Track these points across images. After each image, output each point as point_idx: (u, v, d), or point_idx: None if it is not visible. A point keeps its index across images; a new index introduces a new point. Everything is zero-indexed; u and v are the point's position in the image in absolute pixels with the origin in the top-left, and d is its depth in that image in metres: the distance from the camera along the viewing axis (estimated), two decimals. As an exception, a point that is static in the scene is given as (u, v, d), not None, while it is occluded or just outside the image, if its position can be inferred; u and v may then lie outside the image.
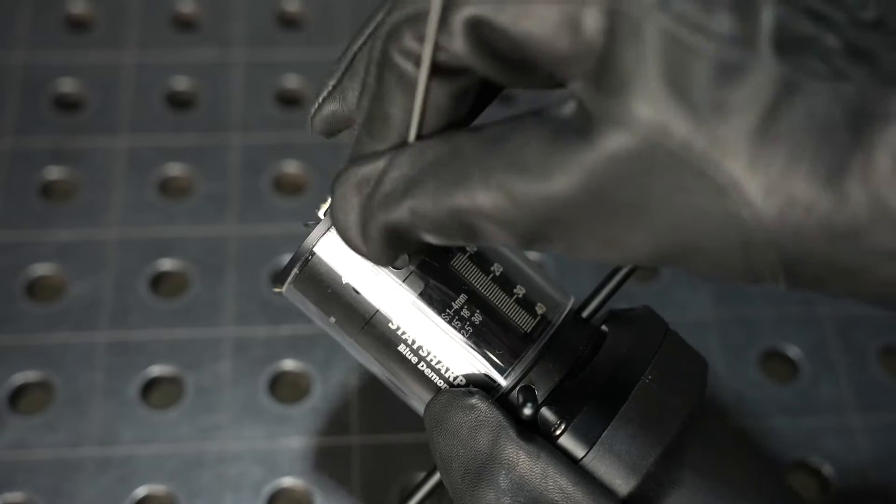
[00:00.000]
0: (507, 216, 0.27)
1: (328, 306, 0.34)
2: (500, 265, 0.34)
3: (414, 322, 0.33)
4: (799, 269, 0.25)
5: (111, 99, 0.64)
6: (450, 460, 0.32)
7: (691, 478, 0.33)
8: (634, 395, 0.32)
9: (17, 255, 0.57)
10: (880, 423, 0.54)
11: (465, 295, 0.33)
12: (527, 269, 0.35)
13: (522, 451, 0.31)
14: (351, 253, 0.32)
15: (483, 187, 0.27)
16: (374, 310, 0.33)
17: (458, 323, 0.33)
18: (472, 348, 0.33)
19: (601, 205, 0.25)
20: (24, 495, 0.50)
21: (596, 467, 0.31)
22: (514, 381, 0.33)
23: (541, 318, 0.34)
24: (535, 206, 0.26)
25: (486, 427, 0.31)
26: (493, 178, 0.26)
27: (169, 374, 0.54)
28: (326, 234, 0.33)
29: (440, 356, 0.33)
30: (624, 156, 0.24)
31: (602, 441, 0.31)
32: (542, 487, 0.31)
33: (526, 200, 0.26)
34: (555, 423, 0.32)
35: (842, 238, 0.24)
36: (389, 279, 0.33)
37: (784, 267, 0.25)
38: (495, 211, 0.27)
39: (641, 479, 0.31)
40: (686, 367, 0.34)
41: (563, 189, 0.25)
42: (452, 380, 0.33)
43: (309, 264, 0.33)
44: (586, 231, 0.26)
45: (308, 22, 0.69)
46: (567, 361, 0.34)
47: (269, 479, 0.51)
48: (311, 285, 0.34)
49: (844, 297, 0.26)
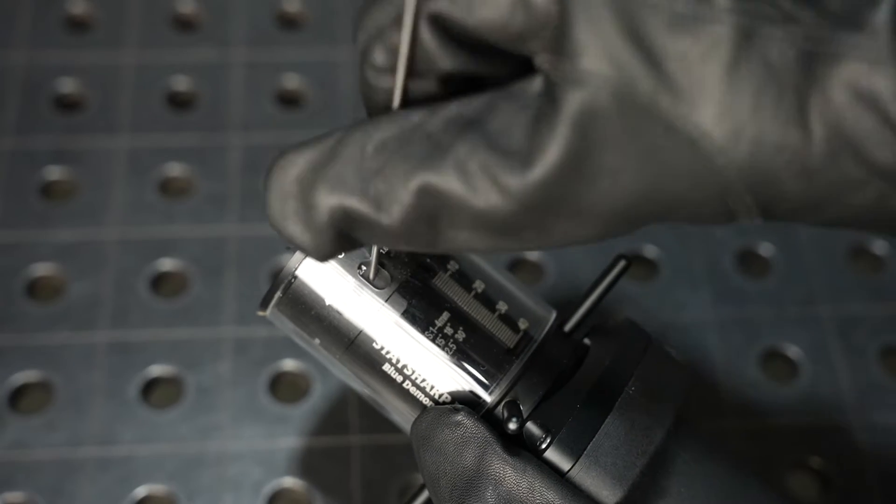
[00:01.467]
0: (486, 205, 0.26)
1: (312, 328, 0.34)
2: (482, 282, 0.34)
3: (398, 341, 0.33)
4: (773, 206, 0.26)
5: (111, 99, 0.64)
6: (437, 477, 0.32)
7: (678, 486, 0.33)
8: (618, 406, 0.32)
9: (17, 255, 0.57)
10: (880, 423, 0.54)
11: (447, 313, 0.33)
12: (509, 286, 0.35)
13: (509, 466, 0.31)
14: (333, 275, 0.33)
15: (460, 173, 0.26)
16: (357, 330, 0.33)
17: (441, 341, 0.33)
18: (456, 365, 0.33)
19: (579, 176, 0.25)
20: (24, 495, 0.50)
21: (582, 480, 0.31)
22: (499, 397, 0.33)
23: (524, 333, 0.34)
24: (518, 193, 0.26)
25: (473, 443, 0.31)
26: (471, 163, 0.26)
27: (169, 374, 0.54)
28: (309, 257, 0.33)
29: (425, 374, 0.33)
30: (593, 115, 0.25)
31: (587, 453, 0.32)
32: (530, 502, 0.31)
33: (510, 188, 0.26)
34: (540, 437, 0.32)
35: (811, 172, 0.25)
36: (372, 299, 0.33)
37: (759, 206, 0.26)
38: (473, 199, 0.26)
39: (628, 489, 0.31)
40: (669, 376, 0.34)
41: (546, 169, 0.25)
42: (437, 397, 0.33)
43: (291, 287, 0.33)
44: (561, 211, 0.26)
45: (308, 22, 0.69)
46: (551, 375, 0.34)
47: (269, 479, 0.51)
48: (294, 308, 0.34)
49: (819, 226, 0.27)
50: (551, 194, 0.26)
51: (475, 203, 0.26)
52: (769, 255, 0.60)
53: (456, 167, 0.26)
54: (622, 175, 0.25)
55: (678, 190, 0.25)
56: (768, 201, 0.25)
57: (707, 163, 0.25)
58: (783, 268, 0.59)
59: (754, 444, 0.53)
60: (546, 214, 0.26)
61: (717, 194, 0.25)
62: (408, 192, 0.26)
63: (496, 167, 0.26)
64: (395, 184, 0.26)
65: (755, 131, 0.24)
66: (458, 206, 0.26)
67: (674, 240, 0.60)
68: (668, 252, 0.59)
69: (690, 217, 0.26)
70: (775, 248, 0.60)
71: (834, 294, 0.58)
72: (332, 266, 0.33)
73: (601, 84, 0.24)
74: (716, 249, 0.60)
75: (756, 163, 0.24)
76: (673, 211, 0.26)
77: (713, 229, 0.60)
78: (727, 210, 0.26)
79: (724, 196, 0.25)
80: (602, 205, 0.26)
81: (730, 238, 0.60)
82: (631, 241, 0.59)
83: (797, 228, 0.61)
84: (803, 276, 0.59)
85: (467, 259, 0.35)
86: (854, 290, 0.59)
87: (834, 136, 0.24)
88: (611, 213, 0.26)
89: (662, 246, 0.60)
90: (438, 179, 0.26)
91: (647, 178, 0.25)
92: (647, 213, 0.26)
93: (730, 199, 0.25)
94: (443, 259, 0.34)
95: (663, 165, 0.25)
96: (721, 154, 0.24)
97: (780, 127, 0.24)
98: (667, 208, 0.26)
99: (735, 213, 0.26)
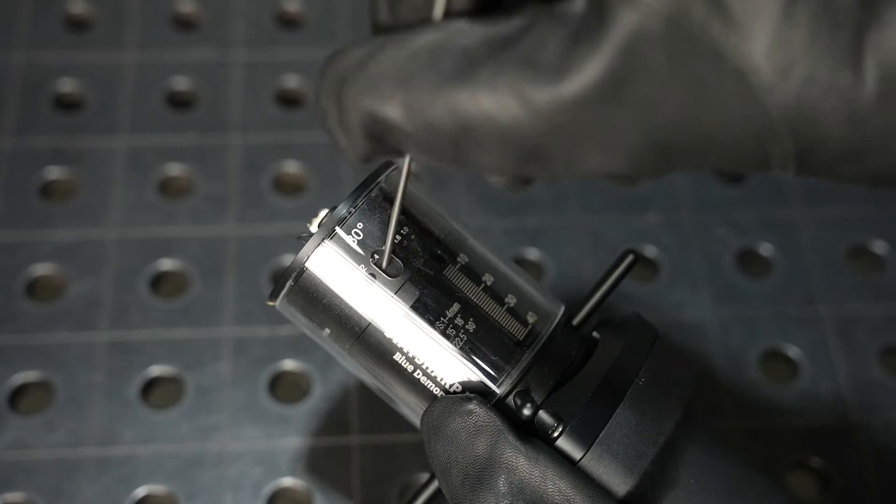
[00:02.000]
0: (512, 123, 0.25)
1: (322, 319, 0.34)
2: (491, 276, 0.34)
3: (408, 332, 0.33)
4: (813, 154, 0.25)
5: (111, 99, 0.64)
6: (448, 466, 0.32)
7: (687, 477, 0.33)
8: (629, 396, 0.32)
9: (17, 255, 0.57)
10: (880, 423, 0.54)
11: (458, 304, 0.33)
12: (518, 280, 0.35)
13: (521, 455, 0.31)
14: (344, 266, 0.33)
15: (489, 88, 0.25)
16: (367, 321, 0.33)
17: (451, 331, 0.33)
18: (466, 356, 0.33)
19: (616, 101, 0.24)
20: (24, 495, 0.50)
21: (594, 468, 0.32)
22: (510, 388, 0.33)
23: (532, 326, 0.34)
24: (547, 111, 0.25)
25: (485, 431, 0.31)
26: (502, 77, 0.25)
27: (169, 374, 0.54)
28: (319, 247, 0.33)
29: (435, 364, 0.33)
30: (641, 39, 0.24)
31: (600, 441, 0.32)
32: (542, 490, 0.31)
33: (538, 104, 0.25)
34: (552, 426, 0.32)
35: (857, 119, 0.24)
36: (382, 290, 0.33)
37: (798, 153, 0.25)
38: (500, 115, 0.25)
39: (639, 478, 0.32)
40: (677, 369, 0.34)
41: (579, 87, 0.24)
42: (448, 387, 0.33)
43: (302, 278, 0.33)
44: (594, 137, 0.25)
45: (308, 22, 0.69)
46: (560, 367, 0.34)
47: (269, 479, 0.51)
48: (304, 299, 0.34)
49: (851, 180, 0.26)
50: (583, 117, 0.25)
51: (500, 118, 0.25)
52: (769, 255, 0.60)
53: (486, 83, 0.25)
54: (662, 105, 0.24)
55: (718, 126, 0.24)
56: (809, 147, 0.24)
57: (752, 99, 0.24)
58: (783, 268, 0.59)
59: (754, 444, 0.53)
60: (576, 139, 0.25)
61: (757, 134, 0.24)
62: (434, 105, 0.26)
63: (525, 80, 0.25)
64: (422, 95, 0.26)
65: (806, 70, 0.23)
66: (483, 123, 0.25)
67: (674, 240, 0.60)
68: (668, 252, 0.59)
69: (725, 159, 0.25)
70: (775, 248, 0.60)
71: (834, 294, 0.58)
72: (342, 257, 0.33)
73: (656, 6, 0.24)
74: (716, 249, 0.60)
75: (803, 104, 0.24)
76: (709, 149, 0.25)
77: (713, 229, 0.60)
78: (763, 155, 0.25)
79: (764, 138, 0.24)
80: (637, 135, 0.25)
81: (730, 238, 0.60)
82: (631, 242, 0.59)
83: (797, 228, 0.61)
84: (803, 276, 0.59)
85: (477, 252, 0.35)
86: (854, 290, 0.59)
87: (887, 79, 0.23)
88: (645, 145, 0.25)
89: (662, 246, 0.60)
90: (466, 97, 0.25)
91: (688, 110, 0.24)
92: (683, 149, 0.25)
93: (769, 141, 0.24)
94: (453, 252, 0.34)
95: (706, 98, 0.24)
96: (768, 91, 0.24)
97: (831, 67, 0.23)
98: (703, 145, 0.25)
99: (771, 158, 0.25)
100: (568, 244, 0.59)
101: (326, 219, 0.33)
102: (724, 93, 0.24)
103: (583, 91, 0.24)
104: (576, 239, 0.59)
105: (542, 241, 0.59)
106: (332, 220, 0.33)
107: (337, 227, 0.33)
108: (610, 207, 0.61)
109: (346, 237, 0.33)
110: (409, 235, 0.34)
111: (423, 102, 0.26)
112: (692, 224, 0.61)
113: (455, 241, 0.34)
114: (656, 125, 0.25)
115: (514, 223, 0.60)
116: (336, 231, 0.33)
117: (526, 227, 0.60)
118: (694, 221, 0.61)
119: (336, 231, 0.33)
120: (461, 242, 0.35)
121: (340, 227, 0.33)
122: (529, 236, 0.59)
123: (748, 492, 0.34)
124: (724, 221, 0.61)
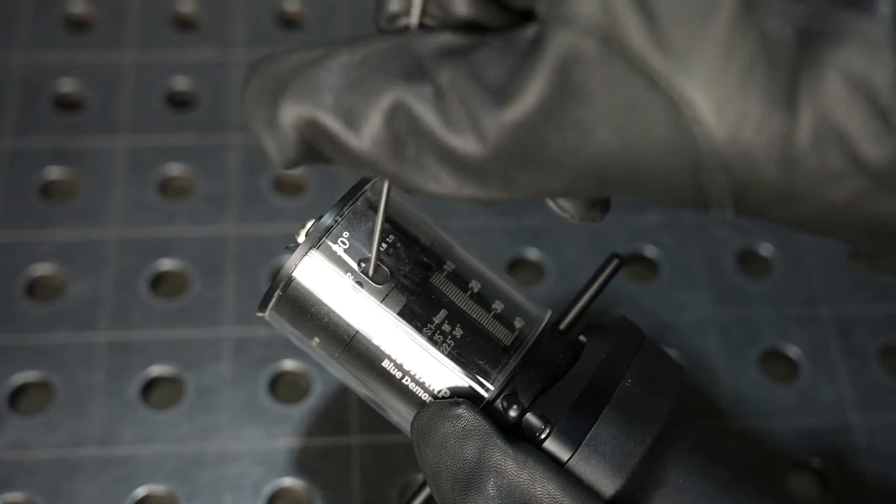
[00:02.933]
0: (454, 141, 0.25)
1: (310, 328, 0.34)
2: (477, 282, 0.35)
3: (396, 339, 0.34)
4: (747, 193, 0.24)
5: (111, 99, 0.64)
6: (438, 471, 0.32)
7: (675, 476, 0.33)
8: (616, 397, 0.33)
9: (17, 255, 0.57)
10: (880, 423, 0.54)
11: (444, 310, 0.34)
12: (504, 286, 0.35)
13: (510, 458, 0.31)
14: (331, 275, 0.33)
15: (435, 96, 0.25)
16: (355, 329, 0.34)
17: (439, 337, 0.33)
18: (453, 362, 0.34)
19: (552, 125, 0.24)
20: (24, 495, 0.50)
21: (582, 469, 0.32)
22: (497, 392, 0.34)
23: (519, 331, 0.34)
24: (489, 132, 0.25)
25: (474, 435, 0.31)
26: (449, 90, 0.25)
27: (169, 374, 0.54)
28: (306, 257, 0.33)
29: (423, 371, 0.34)
30: (575, 60, 0.24)
31: (587, 442, 0.32)
32: (531, 493, 0.31)
33: (482, 124, 0.25)
34: (539, 428, 0.33)
35: (791, 160, 0.23)
36: (369, 298, 0.33)
37: (732, 191, 0.24)
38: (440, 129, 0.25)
39: (627, 478, 0.32)
40: (664, 369, 0.35)
41: (520, 112, 0.24)
42: (437, 393, 0.34)
43: (289, 288, 0.34)
44: (531, 159, 0.25)
45: (308, 22, 0.69)
46: (548, 371, 0.34)
47: (269, 479, 0.51)
48: (292, 309, 0.34)
49: (788, 225, 0.25)
50: (522, 140, 0.25)
51: (445, 135, 0.25)
52: (769, 255, 0.60)
53: (433, 89, 0.25)
54: (596, 129, 0.24)
55: (651, 155, 0.24)
56: (741, 187, 0.24)
57: (685, 130, 0.23)
58: (783, 268, 0.59)
59: (754, 444, 0.53)
60: (514, 161, 0.25)
61: (689, 167, 0.24)
62: (379, 108, 0.25)
63: (474, 101, 0.25)
64: (368, 98, 0.25)
65: (740, 106, 0.23)
66: (428, 133, 0.25)
67: (674, 240, 0.60)
68: (668, 252, 0.59)
69: (660, 191, 0.25)
70: (775, 248, 0.60)
71: (834, 294, 0.58)
72: (329, 266, 0.33)
73: (589, 28, 0.23)
74: (716, 249, 0.60)
75: (735, 140, 0.23)
76: (642, 179, 0.25)
77: (713, 229, 0.60)
78: (698, 191, 0.24)
79: (697, 172, 0.24)
80: (571, 159, 0.25)
81: (730, 238, 0.60)
82: (631, 242, 0.59)
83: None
84: (803, 276, 0.59)
85: (464, 260, 0.35)
86: (854, 290, 0.59)
87: (823, 124, 0.23)
88: (579, 168, 0.25)
89: (662, 246, 0.60)
90: (413, 99, 0.25)
91: (621, 136, 0.24)
92: (617, 176, 0.25)
93: (702, 176, 0.24)
94: (439, 259, 0.34)
95: (639, 126, 0.24)
96: (699, 124, 0.23)
97: (767, 106, 0.23)
98: (637, 175, 0.25)
99: (707, 196, 0.25)
100: (568, 244, 0.59)
101: (312, 229, 0.34)
102: (657, 121, 0.24)
103: (524, 115, 0.24)
104: (576, 239, 0.59)
105: (542, 241, 0.59)
106: (318, 230, 0.34)
107: (323, 236, 0.34)
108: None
109: (332, 246, 0.34)
110: (395, 243, 0.34)
111: (367, 107, 0.25)
112: (692, 224, 0.61)
113: (441, 248, 0.35)
114: (590, 149, 0.24)
115: (514, 223, 0.60)
116: (322, 240, 0.33)
117: (526, 227, 0.60)
118: (694, 221, 0.61)
119: (322, 240, 0.33)
120: (447, 249, 0.35)
121: (327, 237, 0.34)
122: (529, 236, 0.59)
123: (736, 490, 0.34)
124: (724, 221, 0.61)
